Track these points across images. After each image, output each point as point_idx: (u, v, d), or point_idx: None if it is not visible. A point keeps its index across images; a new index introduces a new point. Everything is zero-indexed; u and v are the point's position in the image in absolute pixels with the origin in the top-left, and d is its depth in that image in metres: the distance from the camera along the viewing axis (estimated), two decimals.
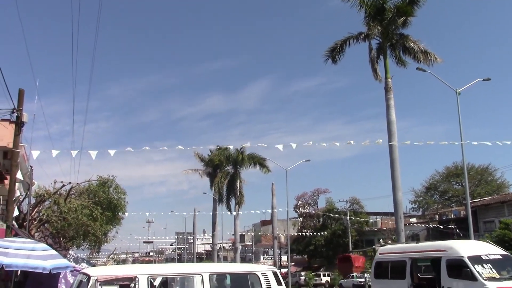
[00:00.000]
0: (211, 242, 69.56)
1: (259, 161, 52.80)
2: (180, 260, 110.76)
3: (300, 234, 65.69)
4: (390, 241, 49.46)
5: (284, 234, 73.52)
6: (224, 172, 54.71)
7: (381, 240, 53.01)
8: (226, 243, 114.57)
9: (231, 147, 40.66)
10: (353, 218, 58.94)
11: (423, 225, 53.41)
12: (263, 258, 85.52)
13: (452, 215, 55.50)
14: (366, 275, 40.08)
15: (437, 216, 58.83)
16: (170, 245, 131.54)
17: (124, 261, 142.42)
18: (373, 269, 16.48)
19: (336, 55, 30.50)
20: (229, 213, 53.67)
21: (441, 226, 49.64)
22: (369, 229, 61.33)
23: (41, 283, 13.24)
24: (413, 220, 60.11)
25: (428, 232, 51.79)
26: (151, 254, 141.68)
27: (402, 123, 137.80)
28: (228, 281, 10.68)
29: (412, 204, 67.17)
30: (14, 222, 21.11)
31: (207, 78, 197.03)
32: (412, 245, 15.89)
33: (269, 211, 58.33)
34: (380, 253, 16.57)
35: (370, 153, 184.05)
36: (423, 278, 15.54)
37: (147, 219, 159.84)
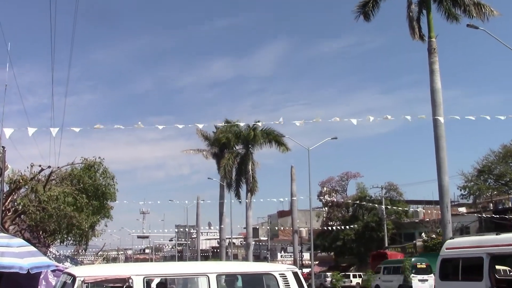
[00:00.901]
0: (218, 237, 70.38)
1: (276, 138, 52.94)
2: (181, 258, 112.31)
3: (325, 227, 66.10)
4: (434, 235, 49.60)
5: (306, 227, 74.13)
6: (233, 153, 54.94)
7: (423, 234, 53.22)
8: (236, 238, 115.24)
9: (241, 124, 40.84)
10: (389, 207, 59.03)
11: (474, 216, 53.24)
12: (281, 256, 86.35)
13: (510, 204, 55.17)
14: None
15: (491, 204, 58.51)
16: (169, 240, 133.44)
17: (115, 259, 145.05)
18: (439, 269, 15.45)
19: (369, 10, 30.22)
20: (240, 202, 54.23)
21: (497, 217, 49.42)
22: (408, 220, 61.44)
23: (18, 285, 13.18)
24: (462, 209, 59.96)
25: (481, 223, 51.67)
26: (147, 251, 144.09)
27: (449, 93, 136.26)
28: (239, 283, 10.77)
29: (461, 190, 66.65)
30: None
31: (211, 40, 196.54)
32: (491, 238, 14.37)
33: (288, 199, 58.91)
34: (447, 248, 15.47)
35: (410, 128, 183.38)
36: (502, 280, 14.67)
37: (141, 209, 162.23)
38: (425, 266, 40.92)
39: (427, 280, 37.82)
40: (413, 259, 40.77)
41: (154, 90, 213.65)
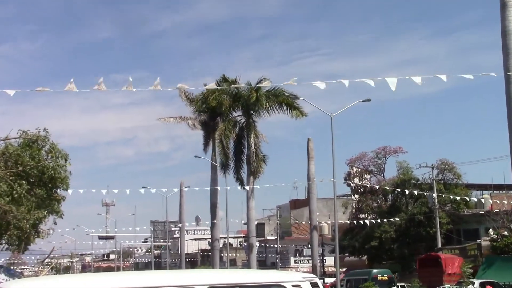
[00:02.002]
0: (210, 236, 70.61)
1: (287, 101, 52.95)
2: (159, 265, 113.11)
3: (355, 221, 66.40)
4: (506, 232, 49.71)
5: (329, 222, 74.28)
6: (230, 122, 55.10)
7: (490, 230, 53.18)
8: (234, 237, 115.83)
9: (240, 83, 40.56)
10: (443, 195, 59.12)
11: None
12: (295, 261, 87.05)
13: None
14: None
15: None
16: (143, 241, 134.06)
17: (67, 269, 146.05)
18: None
19: None
20: (243, 188, 54.39)
21: None
22: (470, 212, 61.58)
23: None
24: None
25: None
26: (112, 256, 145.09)
27: None
28: None
29: None
30: None
31: None
32: None
33: (304, 184, 58.95)
34: None
35: (471, 87, 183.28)
36: None
37: (104, 200, 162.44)
38: (386, 279, 42.27)
39: None
40: (373, 271, 42.12)
41: (119, 37, 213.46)
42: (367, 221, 64.38)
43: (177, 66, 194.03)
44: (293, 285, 10.46)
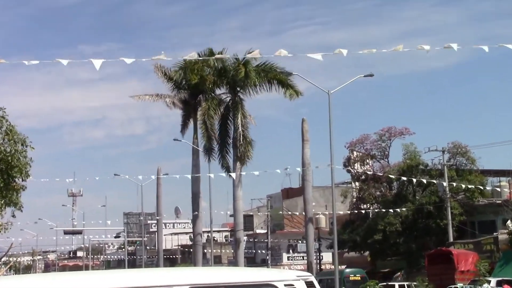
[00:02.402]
0: (191, 230, 70.47)
1: (278, 78, 52.95)
2: (133, 263, 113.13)
3: (355, 212, 66.56)
4: None
5: (327, 214, 74.26)
6: (214, 100, 55.07)
7: (509, 222, 53.43)
8: (219, 231, 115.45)
9: (226, 56, 40.27)
10: (455, 182, 59.21)
11: None
12: (289, 257, 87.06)
13: None
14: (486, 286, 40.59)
15: None
16: (115, 237, 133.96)
17: (28, 268, 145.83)
18: None
19: None
20: (228, 175, 54.38)
21: None
22: (485, 201, 61.74)
23: None
24: None
25: None
26: (80, 254, 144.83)
27: None
28: None
29: None
30: None
31: None
32: None
33: (298, 171, 58.87)
34: None
35: (486, 60, 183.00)
36: None
37: (69, 190, 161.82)
38: (359, 279, 42.95)
39: None
40: (346, 270, 42.72)
41: (87, 3, 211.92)
42: (369, 212, 64.60)
43: (153, 37, 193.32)
44: (285, 285, 10.45)
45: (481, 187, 60.08)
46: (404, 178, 60.42)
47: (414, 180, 60.03)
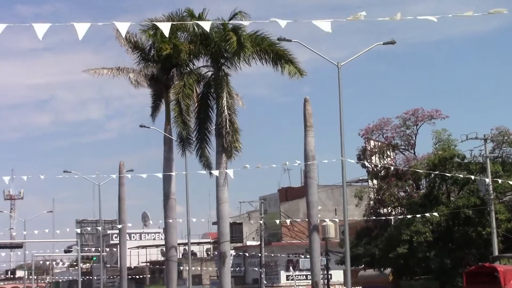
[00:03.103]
0: (163, 242, 69.85)
1: (276, 51, 52.65)
2: (89, 285, 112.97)
3: (373, 217, 66.25)
4: None
5: (336, 220, 73.93)
6: (191, 76, 54.89)
7: None
8: (199, 243, 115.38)
9: (207, 22, 39.65)
10: (501, 179, 59.08)
11: None
12: (288, 276, 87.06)
13: None
14: None
15: None
16: (65, 251, 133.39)
17: None
18: None
19: None
20: (206, 171, 54.20)
21: None
22: None
23: None
24: None
25: None
26: (19, 273, 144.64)
27: None
28: None
29: None
30: None
31: None
32: None
33: (300, 165, 58.33)
34: None
35: None
36: None
37: (6, 191, 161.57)
38: None
39: None
40: None
41: None
42: (391, 218, 64.18)
43: None
44: None
45: None
46: (436, 173, 60.25)
47: (448, 175, 59.77)
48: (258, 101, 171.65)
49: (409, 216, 61.28)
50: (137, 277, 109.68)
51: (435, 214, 60.26)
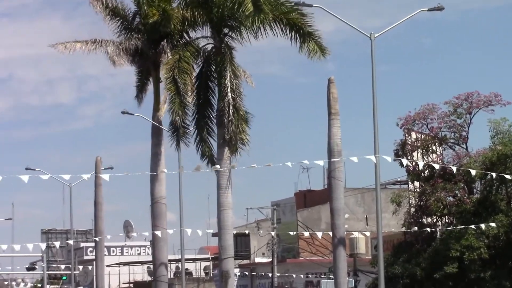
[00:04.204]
0: (151, 258, 69.99)
1: (294, 21, 52.63)
2: None
3: (414, 229, 66.30)
4: None
5: (368, 233, 73.91)
6: (188, 48, 55.32)
7: None
8: (195, 260, 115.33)
9: None
10: None
11: None
12: None
13: None
14: None
15: None
16: (28, 268, 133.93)
17: None
18: None
19: None
20: (206, 169, 54.42)
21: None
22: None
23: None
24: None
25: None
26: None
27: None
28: None
29: None
30: None
31: None
32: None
33: (323, 163, 58.39)
34: None
35: None
36: None
37: None
38: None
39: None
40: None
41: None
42: (436, 230, 64.23)
43: None
44: None
45: None
46: (494, 174, 60.36)
47: (509, 177, 59.85)
48: (270, 82, 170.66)
49: (459, 227, 61.56)
50: None
51: (492, 224, 60.41)
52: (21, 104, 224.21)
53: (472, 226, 60.31)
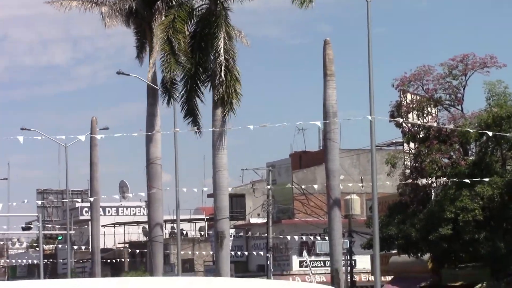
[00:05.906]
0: (146, 219, 70.19)
1: None
2: (53, 271, 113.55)
3: (409, 190, 66.61)
4: None
5: (363, 194, 74.09)
6: (183, 8, 55.51)
7: None
8: (190, 220, 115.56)
9: None
10: None
11: None
12: (302, 262, 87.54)
13: None
14: None
15: None
16: (24, 228, 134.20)
17: None
18: None
19: None
20: (197, 133, 54.28)
21: None
22: None
23: None
24: None
25: None
26: None
27: None
28: None
29: None
30: None
31: None
32: None
33: (318, 125, 58.41)
34: None
35: None
36: None
37: None
38: None
39: None
40: None
41: None
42: (431, 191, 64.41)
43: None
44: None
45: None
46: (489, 134, 60.52)
47: (504, 138, 60.01)
48: (265, 43, 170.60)
49: (454, 189, 61.76)
50: (113, 261, 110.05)
51: (486, 188, 60.65)
52: (15, 64, 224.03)
53: (467, 188, 60.44)
